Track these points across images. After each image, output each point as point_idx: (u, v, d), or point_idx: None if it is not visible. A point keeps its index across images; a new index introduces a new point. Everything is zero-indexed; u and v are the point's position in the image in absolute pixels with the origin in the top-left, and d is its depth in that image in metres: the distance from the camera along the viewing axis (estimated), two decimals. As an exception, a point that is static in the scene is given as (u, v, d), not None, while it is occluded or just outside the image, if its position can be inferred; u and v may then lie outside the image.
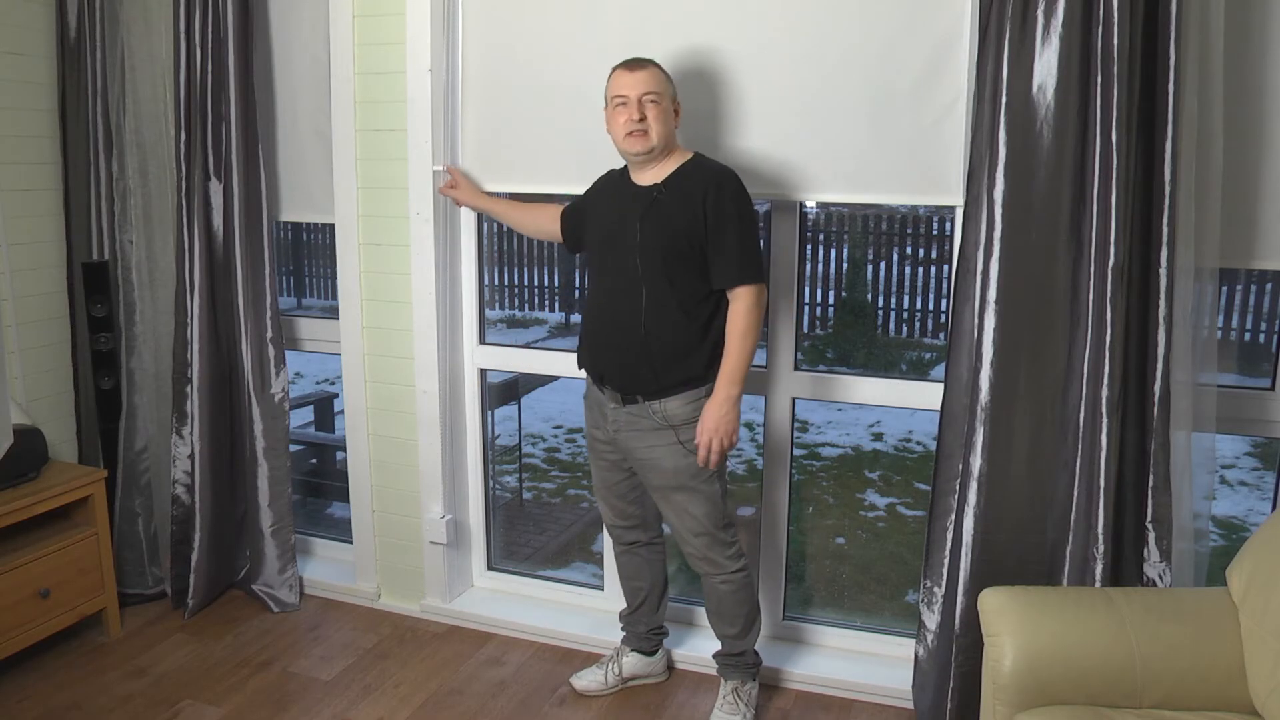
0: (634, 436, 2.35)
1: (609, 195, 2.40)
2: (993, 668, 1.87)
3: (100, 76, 2.92)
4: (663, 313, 2.25)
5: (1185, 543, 2.15)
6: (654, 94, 2.22)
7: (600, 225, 2.39)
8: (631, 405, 2.33)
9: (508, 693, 2.66)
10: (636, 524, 2.56)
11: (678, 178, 2.26)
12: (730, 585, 2.41)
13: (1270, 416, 2.28)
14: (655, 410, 2.29)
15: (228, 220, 2.91)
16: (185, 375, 2.96)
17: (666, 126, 2.24)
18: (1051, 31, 2.04)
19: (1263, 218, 2.16)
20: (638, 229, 2.25)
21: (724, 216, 2.21)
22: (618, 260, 2.30)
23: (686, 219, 2.22)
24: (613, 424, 2.38)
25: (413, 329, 2.89)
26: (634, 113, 2.21)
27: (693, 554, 2.40)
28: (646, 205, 2.26)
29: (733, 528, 2.41)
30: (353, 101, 2.82)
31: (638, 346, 2.27)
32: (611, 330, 2.32)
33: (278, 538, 3.07)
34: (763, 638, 2.67)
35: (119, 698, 2.60)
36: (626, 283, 2.27)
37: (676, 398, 2.28)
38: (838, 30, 2.38)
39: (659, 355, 2.26)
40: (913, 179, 2.39)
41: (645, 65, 2.25)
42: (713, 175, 2.24)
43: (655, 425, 2.30)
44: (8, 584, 2.59)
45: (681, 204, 2.22)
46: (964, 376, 2.26)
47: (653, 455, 2.33)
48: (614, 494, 2.52)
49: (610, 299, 2.33)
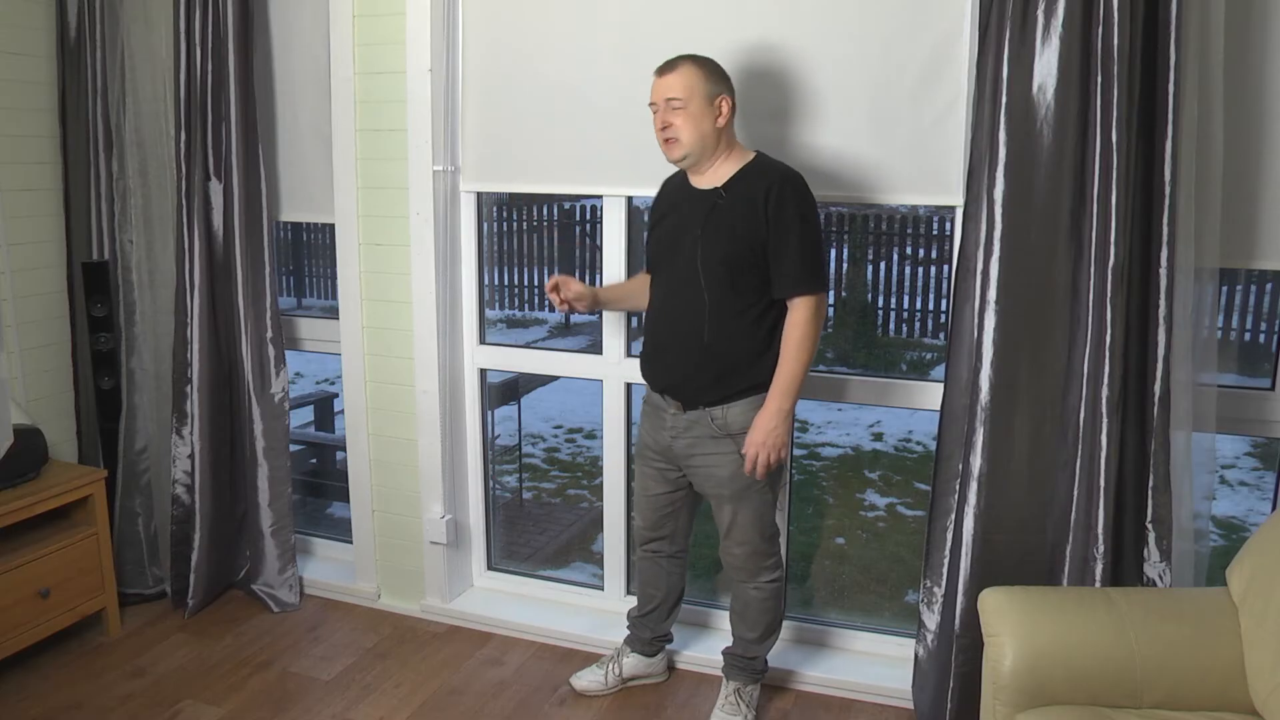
0: (692, 443, 2.31)
1: (671, 201, 2.35)
2: (993, 668, 1.87)
3: (100, 76, 2.92)
4: (726, 321, 2.20)
5: (1185, 543, 2.15)
6: (678, 99, 2.15)
7: (663, 231, 2.33)
8: (692, 412, 2.29)
9: (508, 693, 2.66)
10: (665, 536, 2.53)
11: (739, 180, 2.20)
12: (761, 594, 2.40)
13: (1270, 416, 2.28)
14: (716, 418, 2.26)
15: (228, 220, 2.91)
16: (185, 375, 2.96)
17: (697, 130, 2.17)
18: (1051, 31, 2.04)
19: (1263, 218, 2.16)
20: (699, 235, 2.20)
21: (785, 221, 2.14)
22: (679, 268, 2.24)
23: (748, 224, 2.15)
24: (670, 430, 2.34)
25: (413, 329, 2.89)
26: (659, 121, 2.19)
27: (732, 560, 2.39)
28: (707, 211, 2.21)
29: (776, 539, 2.40)
30: (353, 101, 2.82)
31: (701, 356, 2.23)
32: (673, 340, 2.28)
33: (278, 538, 3.07)
34: (763, 638, 2.67)
35: (119, 698, 2.60)
36: (689, 291, 2.22)
37: (738, 404, 2.24)
38: (838, 30, 2.38)
39: (722, 365, 2.22)
40: (913, 179, 2.39)
41: (674, 67, 2.18)
42: (775, 178, 2.16)
43: (713, 434, 2.27)
44: (8, 584, 2.59)
45: (743, 209, 2.16)
46: (964, 376, 2.26)
47: (709, 463, 2.30)
48: (651, 505, 2.50)
49: (672, 307, 2.28)
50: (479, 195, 2.92)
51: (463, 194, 2.88)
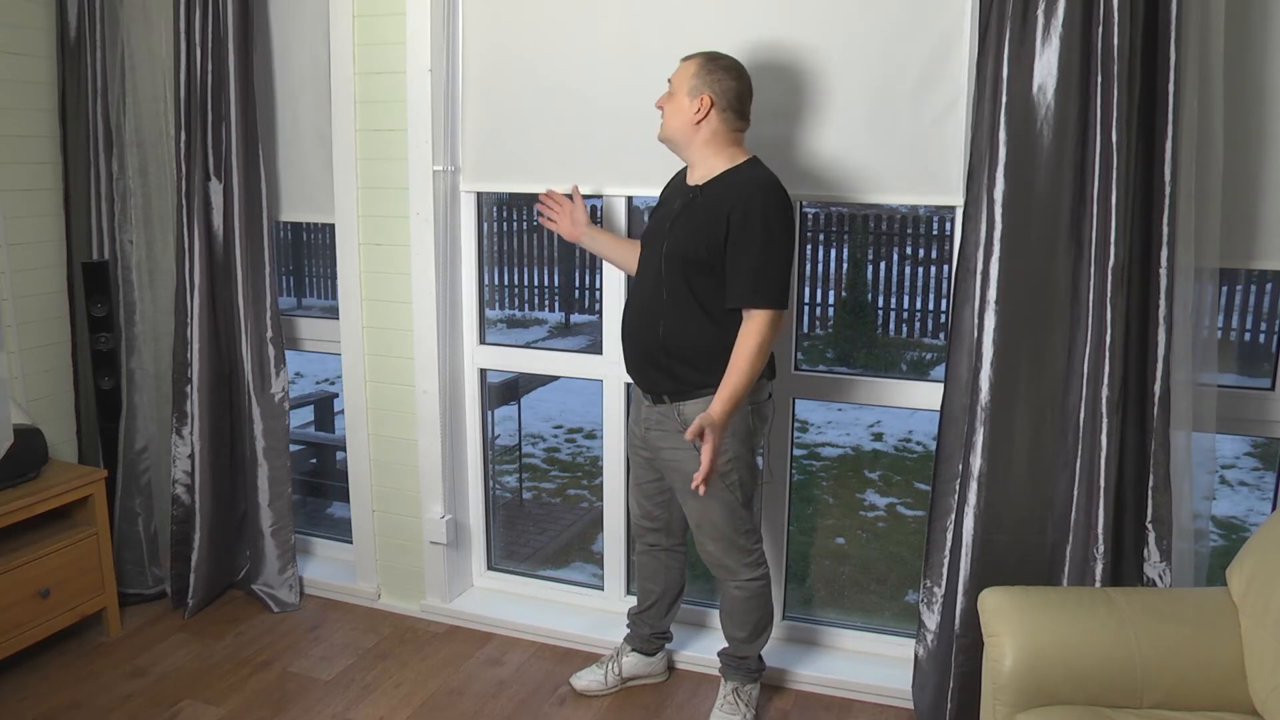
0: (661, 436, 2.33)
1: (668, 192, 2.39)
2: (993, 668, 1.87)
3: (100, 76, 2.92)
4: (682, 316, 2.21)
5: (1185, 543, 2.15)
6: (670, 85, 2.23)
7: (652, 221, 2.38)
8: (660, 405, 2.32)
9: (508, 693, 2.66)
10: (660, 526, 2.54)
11: (717, 182, 2.20)
12: (744, 592, 2.40)
13: (1270, 416, 2.28)
14: (682, 412, 2.27)
15: (228, 220, 2.91)
16: (185, 375, 2.96)
17: (677, 119, 2.21)
18: (1051, 31, 2.04)
19: (1263, 218, 2.16)
20: (668, 230, 2.24)
21: (748, 232, 2.12)
22: (651, 259, 2.28)
23: (710, 227, 2.16)
24: (645, 421, 2.37)
25: (413, 329, 2.89)
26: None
27: (708, 558, 2.39)
28: (683, 207, 2.24)
29: (754, 535, 2.39)
30: (353, 101, 2.82)
31: (654, 347, 2.26)
32: (636, 328, 2.31)
33: (278, 538, 3.07)
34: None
35: (119, 697, 2.60)
36: (653, 283, 2.26)
37: (693, 402, 2.24)
38: (838, 30, 2.38)
39: (674, 357, 2.24)
40: (913, 179, 2.39)
41: (687, 57, 2.24)
42: (752, 187, 2.14)
43: (677, 428, 2.28)
44: (8, 584, 2.59)
45: (711, 211, 2.17)
46: (964, 376, 2.26)
47: (675, 457, 2.31)
48: (642, 493, 2.52)
49: (638, 296, 2.33)
50: (479, 195, 2.92)
51: (463, 194, 2.88)
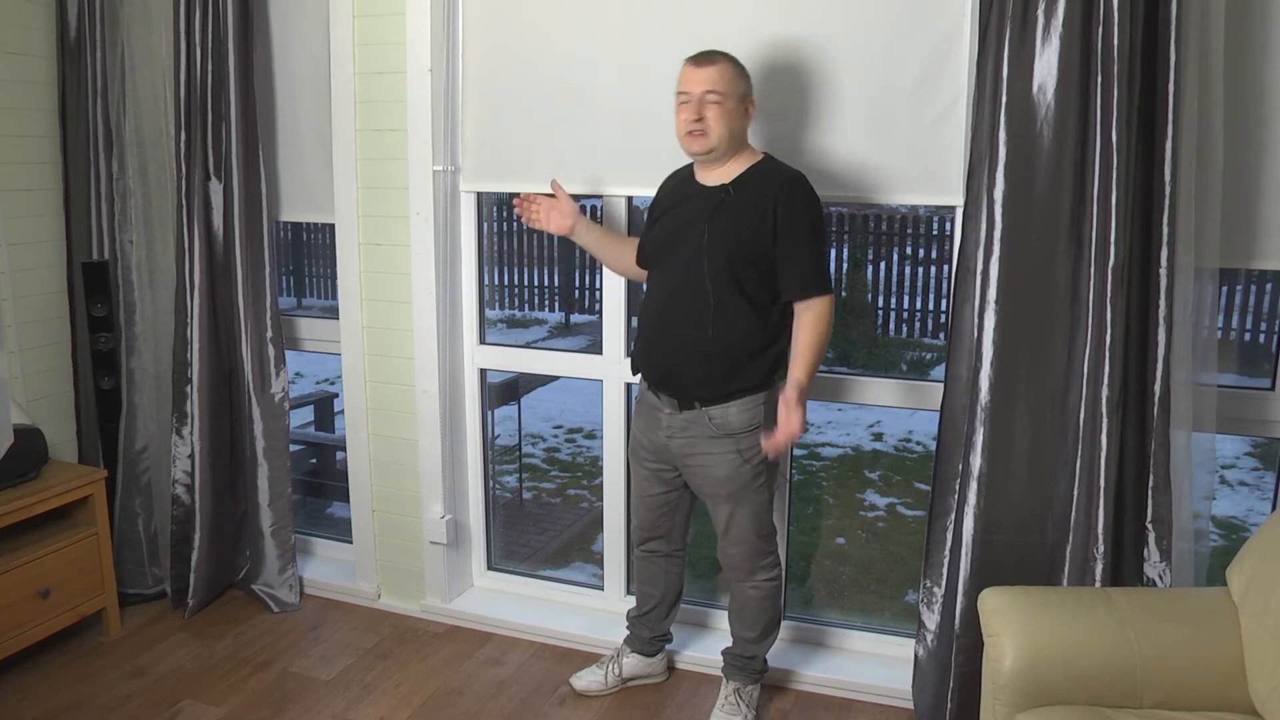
0: (688, 443, 2.30)
1: (675, 196, 2.34)
2: (993, 668, 1.87)
3: (100, 76, 2.92)
4: (730, 317, 2.19)
5: (1185, 543, 2.15)
6: (717, 93, 2.14)
7: (664, 226, 2.32)
8: (689, 411, 2.28)
9: (507, 693, 2.66)
10: (661, 535, 2.53)
11: (748, 179, 2.20)
12: (759, 593, 2.40)
13: (1270, 416, 2.28)
14: (714, 417, 2.25)
15: (228, 220, 2.91)
16: (185, 375, 2.96)
17: (728, 127, 2.16)
18: (1051, 31, 2.04)
19: (1263, 218, 2.16)
20: (705, 230, 2.19)
21: (796, 225, 2.14)
22: (682, 262, 2.23)
23: (755, 224, 2.15)
24: (666, 430, 2.33)
25: (413, 329, 2.89)
26: (693, 112, 2.16)
27: (729, 560, 2.38)
28: (714, 206, 2.20)
29: (773, 537, 2.39)
30: (353, 101, 2.82)
31: (702, 351, 2.21)
32: (673, 334, 2.26)
33: (278, 538, 3.07)
34: (763, 638, 2.67)
35: (119, 697, 2.60)
36: (692, 286, 2.20)
37: (736, 404, 2.23)
38: (838, 30, 2.38)
39: (724, 360, 2.21)
40: (913, 179, 2.39)
41: (714, 61, 2.16)
42: (785, 180, 2.17)
43: (711, 433, 2.26)
44: (8, 584, 2.59)
45: (751, 207, 2.16)
46: (964, 376, 2.26)
47: (707, 463, 2.29)
48: (647, 505, 2.50)
49: (674, 302, 2.26)
50: (479, 195, 2.92)
51: (463, 194, 2.88)
